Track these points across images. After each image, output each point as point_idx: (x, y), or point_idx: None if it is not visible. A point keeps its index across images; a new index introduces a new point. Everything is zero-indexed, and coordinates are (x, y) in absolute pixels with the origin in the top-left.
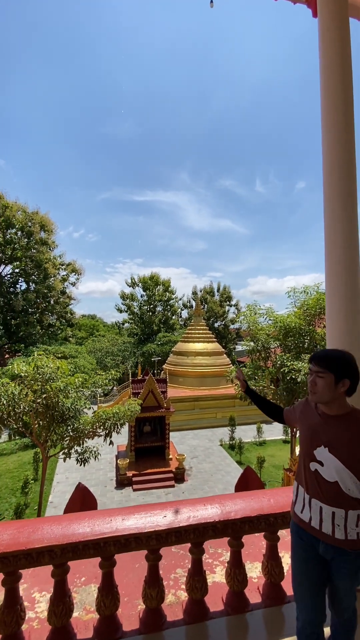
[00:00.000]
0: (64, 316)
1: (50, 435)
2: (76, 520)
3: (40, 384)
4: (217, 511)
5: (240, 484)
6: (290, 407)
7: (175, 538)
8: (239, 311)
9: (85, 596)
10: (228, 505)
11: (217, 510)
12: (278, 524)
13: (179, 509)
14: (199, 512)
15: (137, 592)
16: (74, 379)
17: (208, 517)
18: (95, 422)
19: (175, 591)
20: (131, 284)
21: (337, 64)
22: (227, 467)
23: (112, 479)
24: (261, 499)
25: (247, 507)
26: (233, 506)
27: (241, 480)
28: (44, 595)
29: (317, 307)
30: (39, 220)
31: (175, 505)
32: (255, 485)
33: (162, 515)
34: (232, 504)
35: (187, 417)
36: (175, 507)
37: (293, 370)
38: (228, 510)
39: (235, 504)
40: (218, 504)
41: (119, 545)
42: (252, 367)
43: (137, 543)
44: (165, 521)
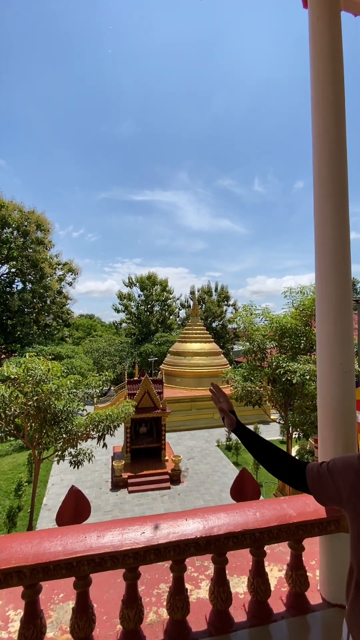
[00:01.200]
0: (60, 316)
1: (42, 437)
2: (48, 538)
3: (31, 385)
4: (199, 526)
5: (235, 486)
6: (321, 469)
7: (154, 556)
8: (236, 311)
9: (62, 614)
10: (211, 519)
11: (199, 525)
12: (264, 539)
13: (158, 525)
14: (180, 528)
15: (117, 610)
16: (66, 381)
17: (189, 533)
18: (89, 424)
19: (157, 609)
20: (128, 284)
21: (327, 56)
22: (224, 469)
23: (107, 481)
24: (247, 512)
25: (231, 522)
26: (216, 521)
27: (237, 482)
28: (18, 614)
29: (313, 307)
30: (35, 220)
31: (155, 520)
32: (251, 487)
33: (140, 532)
34: (215, 519)
35: (184, 417)
36: (154, 522)
37: (289, 371)
38: (211, 525)
39: (218, 519)
40: (200, 519)
41: (93, 564)
42: (249, 367)
43: (113, 562)
44: (144, 538)
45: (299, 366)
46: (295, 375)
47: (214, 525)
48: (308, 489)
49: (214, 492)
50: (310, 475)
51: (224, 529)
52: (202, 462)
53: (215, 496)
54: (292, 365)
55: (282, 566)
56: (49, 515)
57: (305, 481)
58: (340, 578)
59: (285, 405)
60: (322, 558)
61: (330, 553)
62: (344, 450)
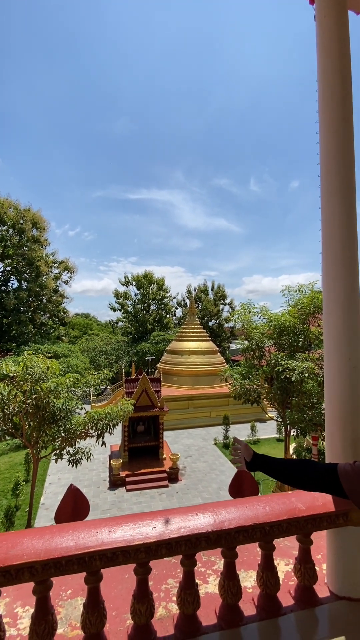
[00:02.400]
0: (56, 315)
1: (40, 436)
2: (59, 533)
3: (30, 384)
4: (210, 521)
5: (234, 484)
6: (356, 468)
7: (165, 550)
8: (233, 310)
9: (71, 611)
10: (221, 514)
11: (210, 519)
12: (274, 533)
13: (169, 519)
14: (191, 522)
15: (126, 605)
16: (65, 379)
17: (200, 528)
18: (87, 422)
19: (167, 604)
20: (125, 283)
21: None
22: (221, 467)
23: (105, 480)
24: (256, 506)
25: (242, 515)
26: (227, 515)
27: (235, 480)
28: (27, 611)
29: (311, 305)
30: (31, 218)
31: (166, 515)
32: (249, 485)
33: (152, 527)
34: (225, 513)
35: (181, 416)
36: (165, 516)
37: (287, 369)
38: (222, 519)
39: (229, 513)
40: (211, 513)
41: (105, 559)
42: (247, 366)
43: (125, 557)
44: (155, 532)
45: (297, 364)
46: (294, 373)
47: (225, 519)
48: (344, 492)
49: (212, 490)
50: (345, 477)
51: (235, 523)
52: (200, 460)
53: (213, 494)
54: (291, 363)
55: (288, 560)
56: (46, 514)
57: (339, 485)
58: (348, 571)
59: (283, 403)
60: (330, 551)
61: (338, 546)
62: (351, 446)
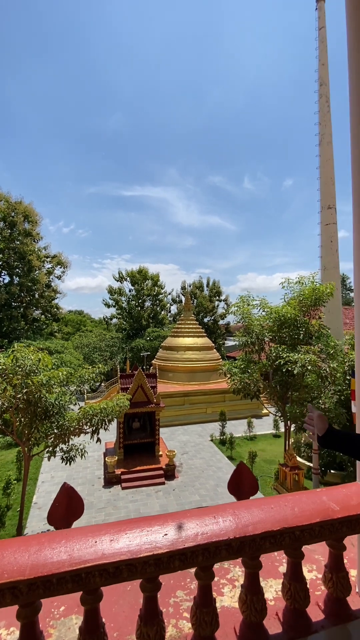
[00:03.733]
0: (49, 310)
1: (32, 433)
2: (49, 544)
3: (20, 377)
4: (231, 525)
5: (233, 480)
6: None
7: (179, 562)
8: (228, 306)
9: (65, 632)
10: (244, 516)
11: (231, 523)
12: (304, 539)
13: (182, 524)
14: (209, 528)
15: (130, 624)
16: (58, 373)
17: (221, 534)
18: (82, 418)
19: (177, 621)
20: (119, 279)
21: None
22: (218, 463)
23: (100, 477)
24: (283, 507)
25: (268, 518)
26: (250, 518)
27: (234, 476)
28: (12, 633)
29: (313, 297)
30: (23, 211)
31: (178, 519)
32: (248, 482)
33: (162, 534)
34: (248, 515)
35: (176, 412)
36: (178, 520)
37: (289, 362)
38: (244, 523)
39: (252, 515)
40: (232, 516)
41: (106, 575)
42: (245, 360)
43: (131, 572)
44: (166, 541)
45: (300, 356)
46: (296, 366)
47: (248, 522)
48: None
49: (209, 487)
50: None
51: (260, 527)
52: (197, 457)
53: (210, 491)
54: (293, 355)
55: (312, 566)
56: (39, 514)
57: None
58: None
59: (283, 398)
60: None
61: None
62: None
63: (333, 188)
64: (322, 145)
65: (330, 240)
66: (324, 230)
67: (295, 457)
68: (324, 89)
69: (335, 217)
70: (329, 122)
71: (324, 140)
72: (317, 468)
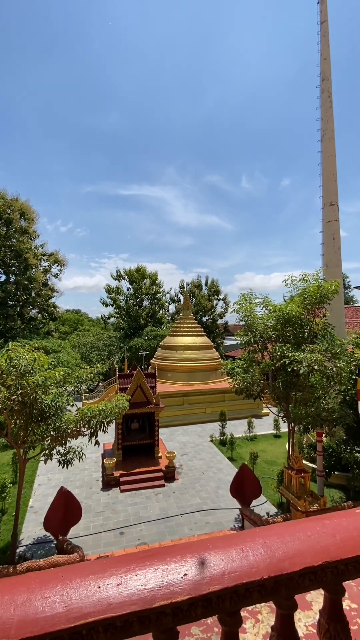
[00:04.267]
0: (46, 309)
1: (28, 435)
2: (40, 591)
3: (14, 378)
4: (263, 559)
5: (235, 483)
6: None
7: (202, 610)
8: (227, 305)
9: None
10: (277, 547)
11: (264, 557)
12: (348, 573)
13: (205, 559)
14: (237, 564)
15: None
16: (54, 373)
17: (252, 572)
18: (79, 420)
19: None
20: (117, 277)
21: None
22: (219, 464)
23: (98, 480)
24: (321, 534)
25: (306, 549)
26: (284, 549)
27: (237, 479)
28: None
29: (317, 295)
30: (19, 208)
31: (199, 552)
32: (251, 484)
33: (181, 573)
34: (281, 545)
35: (176, 412)
36: (198, 554)
37: (295, 361)
38: (279, 556)
39: (286, 545)
40: (263, 548)
41: (112, 630)
42: (248, 359)
43: (143, 624)
44: (187, 583)
45: (305, 355)
46: (302, 366)
47: (284, 556)
48: None
49: (210, 490)
50: None
51: (299, 562)
52: (196, 458)
53: (211, 493)
54: (298, 354)
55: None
56: (35, 518)
57: None
58: None
59: (286, 398)
60: None
61: None
62: None
63: (335, 185)
64: (324, 141)
65: (333, 238)
66: (326, 228)
67: (301, 460)
68: (326, 83)
69: (338, 214)
70: (331, 118)
71: (326, 136)
72: (322, 470)
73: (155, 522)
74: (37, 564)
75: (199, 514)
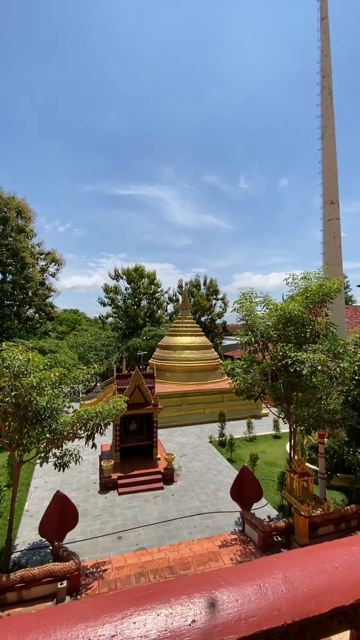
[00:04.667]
0: (43, 309)
1: (23, 438)
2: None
3: (8, 379)
4: (285, 598)
5: (236, 486)
6: None
7: None
8: (225, 305)
9: None
10: (300, 581)
11: (285, 595)
12: None
13: (216, 599)
14: (254, 604)
15: None
16: (50, 374)
17: (273, 615)
18: (76, 422)
19: None
20: (115, 277)
21: None
22: (218, 466)
23: (95, 482)
24: (349, 562)
25: (334, 585)
26: (309, 583)
27: (237, 481)
28: None
29: (320, 293)
30: (16, 206)
31: (208, 589)
32: (252, 487)
33: (189, 619)
34: (305, 579)
35: (174, 413)
36: (207, 592)
37: (297, 361)
38: (304, 594)
39: (310, 579)
40: (284, 583)
41: None
42: (248, 360)
43: None
44: (196, 632)
45: (308, 355)
46: (305, 366)
47: (309, 594)
48: None
49: (209, 492)
50: None
51: (327, 601)
52: (195, 460)
53: (211, 496)
54: (301, 355)
55: None
56: (31, 522)
57: None
58: None
59: (288, 399)
60: None
61: None
62: None
63: (336, 183)
64: (325, 139)
65: (333, 237)
66: (326, 226)
67: (304, 463)
68: (327, 80)
69: (338, 213)
70: (332, 115)
71: (327, 134)
72: (324, 472)
73: (154, 526)
74: (31, 572)
75: (198, 517)
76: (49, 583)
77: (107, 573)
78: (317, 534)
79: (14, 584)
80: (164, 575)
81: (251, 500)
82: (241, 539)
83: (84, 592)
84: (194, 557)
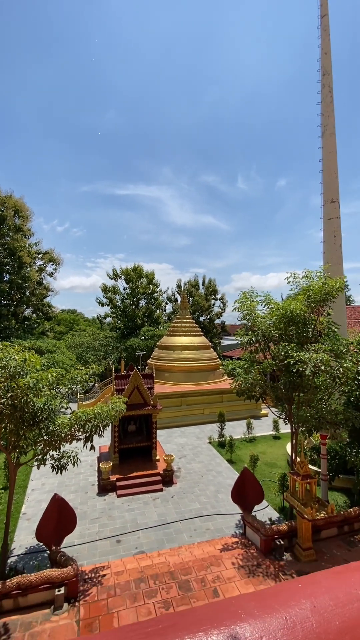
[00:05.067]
0: (40, 309)
1: (19, 440)
2: None
3: (4, 380)
4: (316, 633)
5: (237, 488)
6: None
7: None
8: (224, 305)
9: None
10: (329, 611)
11: (315, 630)
12: None
13: (236, 635)
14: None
15: None
16: (47, 374)
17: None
18: (74, 424)
19: None
20: (113, 276)
21: None
22: (218, 467)
23: (93, 484)
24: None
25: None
26: (339, 613)
27: (238, 483)
28: None
29: (322, 292)
30: (13, 205)
31: (225, 622)
32: (253, 489)
33: None
34: (334, 607)
35: (173, 414)
36: (226, 627)
37: (300, 361)
38: (336, 627)
39: (340, 607)
40: (312, 613)
41: None
42: (249, 359)
43: None
44: None
45: (311, 355)
46: (308, 366)
47: (342, 625)
48: None
49: (209, 494)
50: None
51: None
52: (195, 461)
53: (211, 498)
54: (304, 354)
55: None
56: (28, 525)
57: None
58: None
59: (289, 400)
60: None
61: None
62: None
63: (336, 181)
64: (325, 137)
65: (334, 235)
66: (326, 225)
67: (307, 465)
68: (327, 78)
69: (339, 211)
70: (332, 113)
71: (327, 132)
72: (326, 474)
73: (153, 528)
74: (28, 579)
75: (198, 519)
76: (46, 590)
77: (106, 578)
78: (320, 537)
79: (10, 591)
80: (164, 580)
81: (252, 502)
82: (242, 542)
83: (82, 599)
84: (195, 562)
